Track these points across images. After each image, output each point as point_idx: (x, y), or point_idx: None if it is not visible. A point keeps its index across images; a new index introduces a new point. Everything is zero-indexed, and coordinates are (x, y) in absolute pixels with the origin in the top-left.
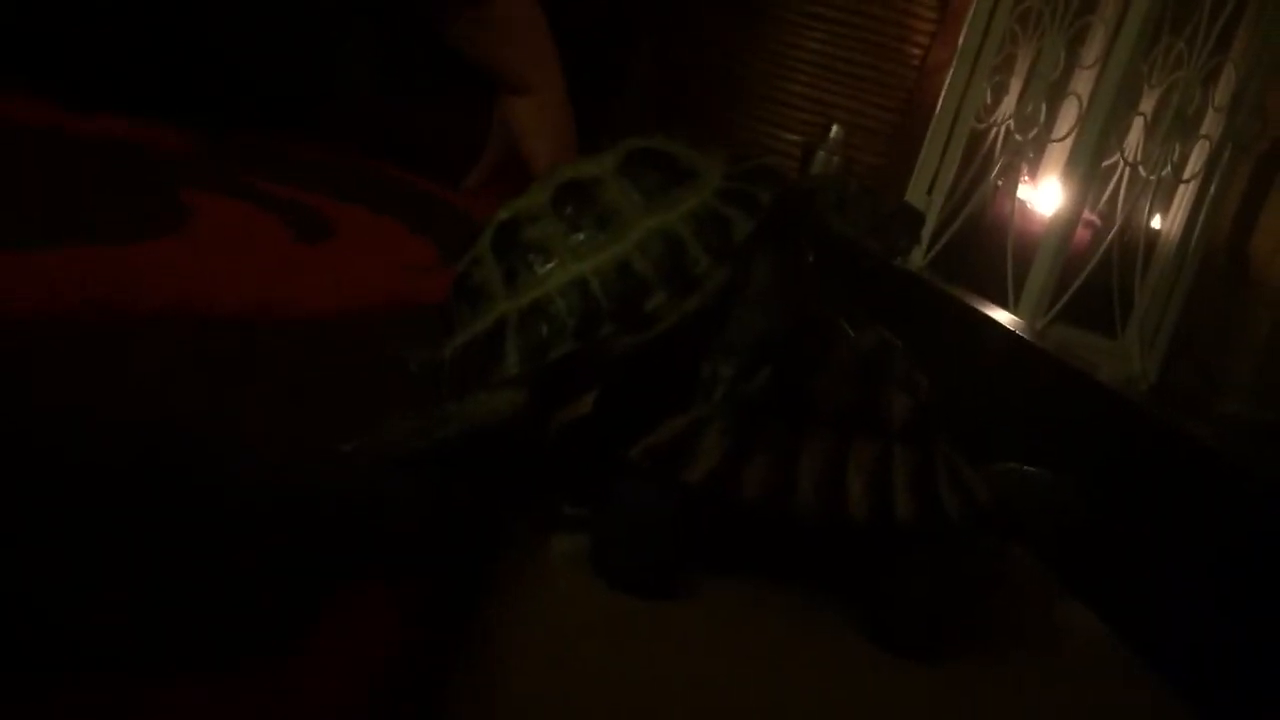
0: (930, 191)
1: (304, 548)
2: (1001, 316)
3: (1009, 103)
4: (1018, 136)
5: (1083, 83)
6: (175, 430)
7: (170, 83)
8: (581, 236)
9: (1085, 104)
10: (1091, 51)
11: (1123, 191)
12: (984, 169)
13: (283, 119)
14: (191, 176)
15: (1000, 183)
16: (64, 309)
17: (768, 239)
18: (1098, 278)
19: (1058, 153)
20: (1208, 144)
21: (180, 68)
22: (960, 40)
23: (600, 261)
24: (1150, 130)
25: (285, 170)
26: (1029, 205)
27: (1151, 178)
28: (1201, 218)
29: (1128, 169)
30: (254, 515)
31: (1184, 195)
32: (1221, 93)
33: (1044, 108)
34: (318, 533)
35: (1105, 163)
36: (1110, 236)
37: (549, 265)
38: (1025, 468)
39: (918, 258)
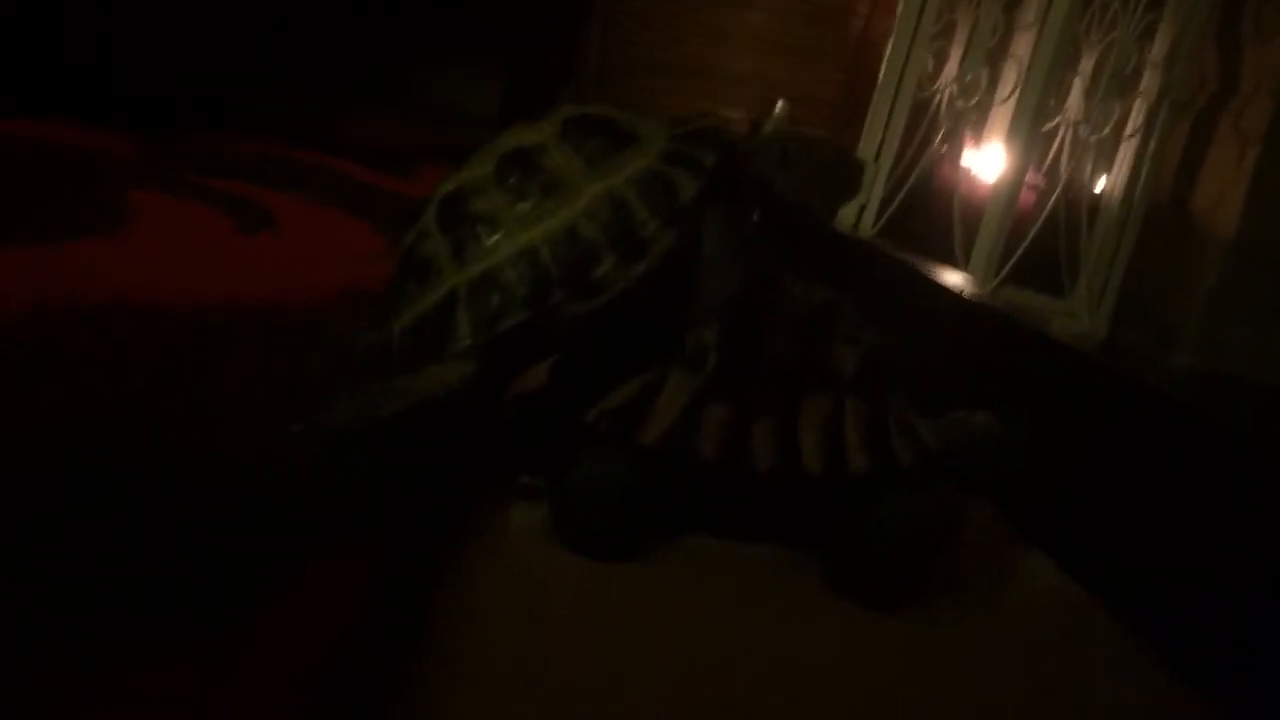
0: (876, 160)
1: (255, 524)
2: (952, 279)
3: (950, 69)
4: (960, 102)
5: (1022, 46)
6: (125, 417)
7: (109, 86)
8: (528, 205)
9: (1025, 66)
10: (1029, 13)
11: (1065, 152)
12: (928, 136)
13: (222, 119)
14: (132, 176)
15: (945, 149)
16: (5, 307)
17: (715, 200)
18: (1044, 239)
19: (1000, 117)
20: (1145, 102)
21: (119, 71)
22: (899, 10)
23: (548, 229)
24: (1089, 90)
25: (225, 166)
26: (974, 170)
27: (1093, 138)
28: (1143, 175)
29: (1069, 130)
30: (207, 495)
31: (1125, 153)
32: (1157, 49)
33: (985, 73)
34: (268, 510)
35: (1047, 126)
36: (1055, 197)
37: (496, 236)
38: (974, 415)
39: (867, 225)
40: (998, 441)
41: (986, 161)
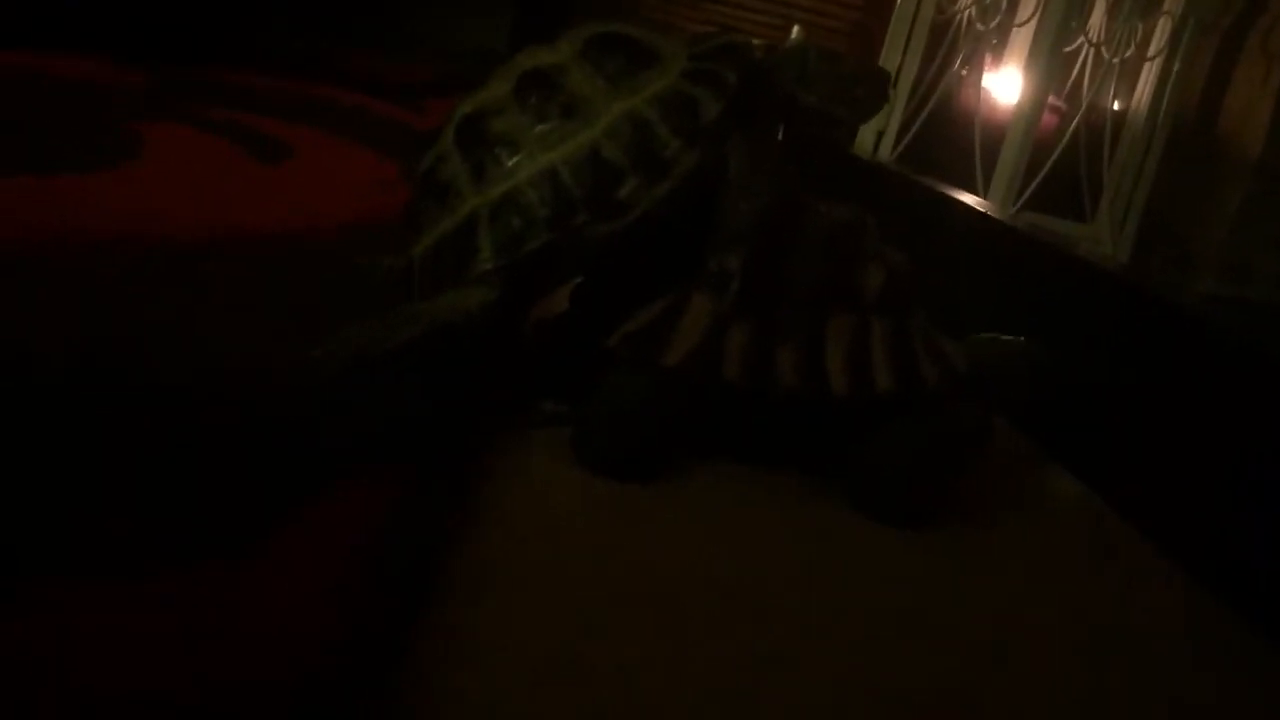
0: (894, 85)
1: (272, 447)
2: (972, 203)
3: None
4: (980, 25)
5: None
6: (141, 343)
7: (117, 18)
8: (548, 126)
9: None
10: None
11: (1087, 74)
12: (948, 60)
13: (231, 53)
14: (141, 108)
15: (964, 73)
16: (18, 236)
17: (738, 118)
18: (1066, 163)
19: (1021, 39)
20: (1170, 21)
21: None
22: None
23: (569, 150)
24: (1112, 10)
25: (238, 99)
26: (994, 94)
27: (1115, 59)
28: (1166, 96)
29: (1091, 51)
30: (223, 420)
31: (1148, 74)
32: None
33: None
34: (283, 434)
35: (1068, 47)
36: (1076, 120)
37: (517, 157)
38: (1002, 337)
39: (886, 150)
40: (1024, 363)
41: (1006, 85)
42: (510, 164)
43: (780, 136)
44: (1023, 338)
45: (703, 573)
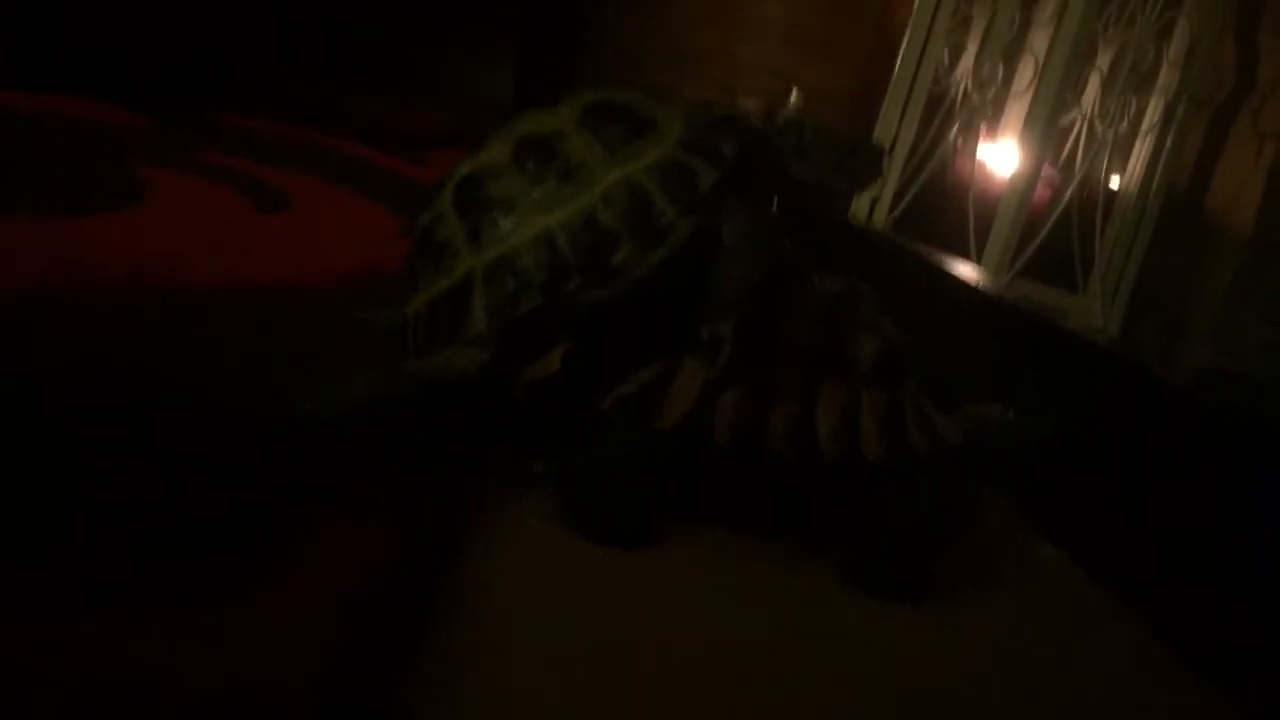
0: (890, 153)
1: (265, 491)
2: (966, 272)
3: (966, 62)
4: (975, 96)
5: (1039, 40)
6: (141, 388)
7: (124, 62)
8: (545, 190)
9: (1041, 61)
10: (1047, 8)
11: (1081, 147)
12: (943, 129)
13: (235, 99)
14: (144, 151)
15: (960, 142)
16: (24, 278)
17: (734, 188)
18: (1058, 234)
19: (1016, 111)
20: (1163, 97)
21: (134, 47)
22: (916, 2)
23: (565, 215)
24: (1106, 85)
25: (240, 145)
26: (989, 164)
27: (1109, 133)
28: (1159, 171)
29: (1085, 124)
30: (218, 464)
31: (1141, 149)
32: (1175, 46)
33: (1001, 66)
34: (278, 479)
35: (1063, 120)
36: (1070, 192)
37: (513, 220)
38: (994, 408)
39: (881, 217)
40: (1014, 435)
41: (1001, 155)
42: (506, 227)
43: (775, 206)
44: (1012, 410)
45: (689, 636)
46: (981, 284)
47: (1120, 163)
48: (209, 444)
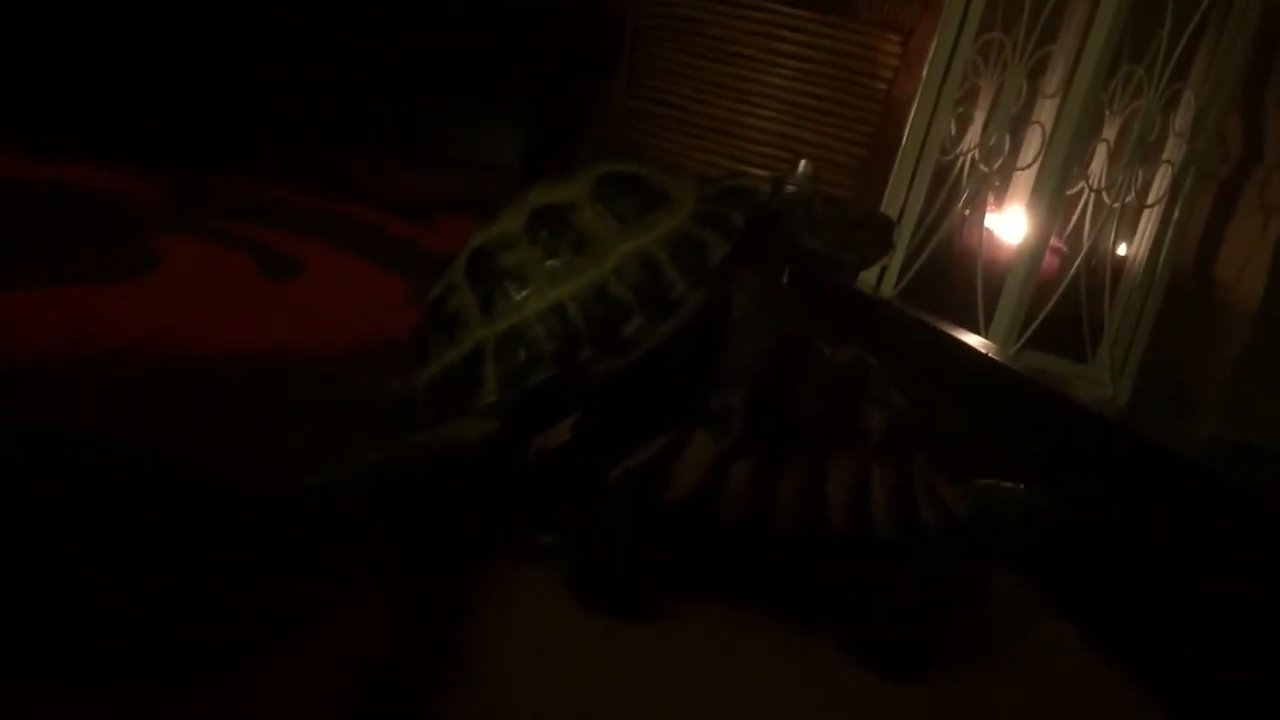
0: (899, 222)
1: (274, 566)
2: (974, 342)
3: (974, 133)
4: (983, 167)
5: (1045, 112)
6: (151, 459)
7: (132, 128)
8: (557, 262)
9: (1048, 132)
10: (1053, 81)
11: (1088, 218)
12: (951, 199)
13: (244, 163)
14: (158, 219)
15: (967, 212)
16: (35, 349)
17: (744, 261)
18: (1066, 304)
19: (1023, 181)
20: (1170, 169)
21: (143, 113)
22: (924, 74)
23: (577, 286)
24: (1113, 157)
25: (251, 211)
26: (996, 234)
27: (1116, 204)
28: (1167, 242)
29: (1092, 195)
30: (227, 537)
31: (1149, 220)
32: (1182, 118)
33: (1008, 138)
34: (287, 553)
35: (1070, 190)
36: (1077, 263)
37: (525, 291)
38: (1003, 484)
39: (888, 287)
40: (1024, 510)
41: (1009, 225)
42: (518, 298)
43: (785, 277)
44: (1022, 485)
45: (695, 714)
46: (990, 353)
47: (1128, 233)
48: (210, 517)
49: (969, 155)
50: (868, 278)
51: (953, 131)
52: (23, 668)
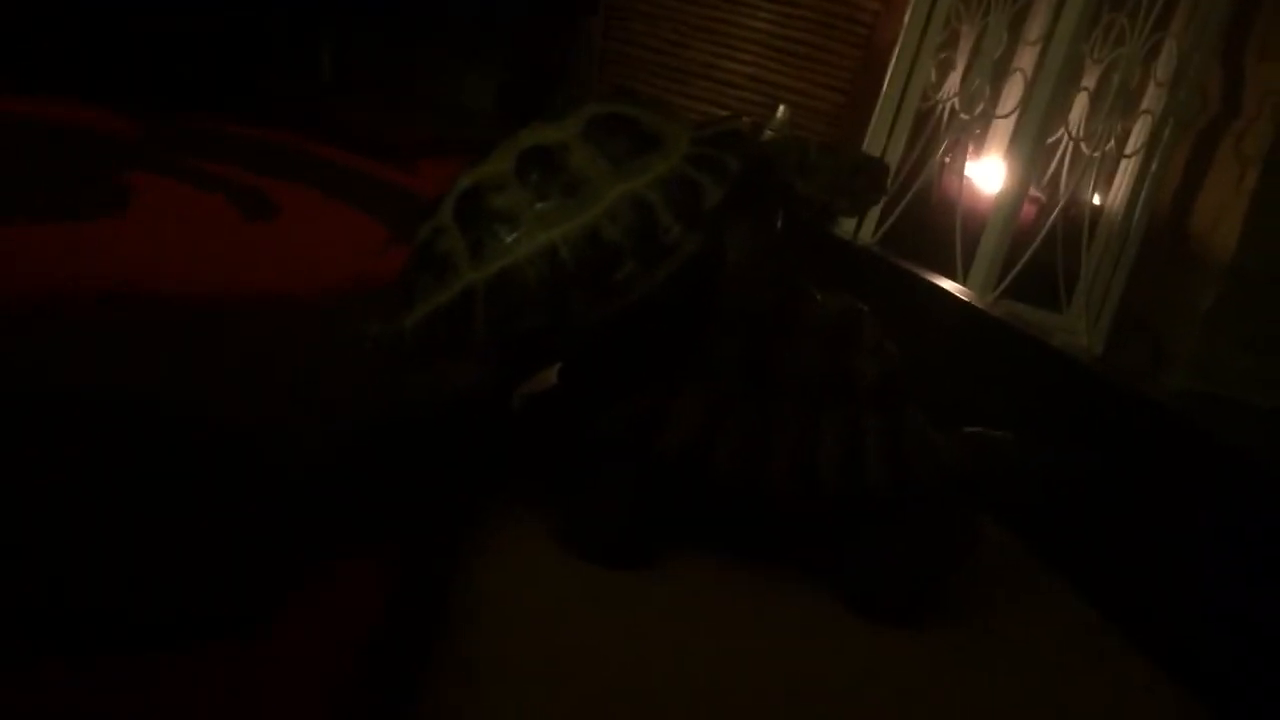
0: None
1: (265, 523)
2: (951, 289)
3: (954, 81)
4: (963, 114)
5: (1026, 59)
6: (133, 405)
7: (109, 67)
8: (548, 204)
9: (1029, 80)
10: (1034, 28)
11: (1066, 167)
12: (930, 147)
13: (222, 104)
14: (131, 158)
15: (947, 160)
16: (8, 286)
17: (739, 206)
18: (1043, 253)
19: (1003, 130)
20: (1149, 119)
21: (120, 52)
22: (905, 19)
23: (569, 229)
24: (1093, 106)
25: (227, 151)
26: (975, 182)
27: (1095, 154)
28: (1144, 193)
29: (1071, 145)
30: (218, 491)
31: (1126, 171)
32: (1163, 68)
33: (988, 85)
34: (278, 508)
35: (1049, 140)
36: (1055, 212)
37: (516, 234)
38: (991, 431)
39: (867, 234)
40: (1012, 458)
41: (987, 173)
42: (509, 241)
43: (779, 224)
44: (1010, 433)
45: (689, 664)
46: (969, 299)
47: (1105, 184)
48: (203, 466)
49: (949, 103)
50: (847, 225)
51: (933, 78)
52: (22, 636)
